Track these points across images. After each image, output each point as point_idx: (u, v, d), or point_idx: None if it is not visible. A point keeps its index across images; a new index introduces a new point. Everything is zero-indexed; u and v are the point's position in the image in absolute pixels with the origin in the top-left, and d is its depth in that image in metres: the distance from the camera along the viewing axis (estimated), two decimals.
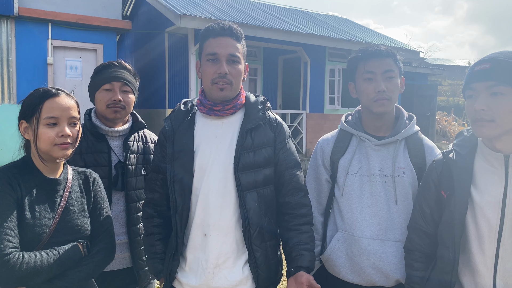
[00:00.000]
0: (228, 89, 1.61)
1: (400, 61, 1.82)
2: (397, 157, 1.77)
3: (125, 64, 2.04)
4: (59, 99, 1.52)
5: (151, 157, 2.10)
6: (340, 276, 1.82)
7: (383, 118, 1.82)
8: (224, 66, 1.59)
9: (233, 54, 1.61)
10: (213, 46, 1.61)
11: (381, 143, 1.79)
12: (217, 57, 1.60)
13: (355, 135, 1.86)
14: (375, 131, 1.85)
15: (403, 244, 1.73)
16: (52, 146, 1.49)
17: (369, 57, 1.77)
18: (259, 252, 1.61)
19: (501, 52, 1.41)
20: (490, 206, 1.42)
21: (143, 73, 10.38)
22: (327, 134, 2.00)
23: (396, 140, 1.79)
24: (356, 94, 1.87)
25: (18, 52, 7.60)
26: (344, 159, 1.84)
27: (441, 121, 18.60)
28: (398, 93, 1.81)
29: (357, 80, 1.83)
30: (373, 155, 1.80)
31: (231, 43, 1.62)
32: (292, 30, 9.20)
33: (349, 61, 1.88)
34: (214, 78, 1.60)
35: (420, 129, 1.88)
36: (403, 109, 1.92)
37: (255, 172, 1.61)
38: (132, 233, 1.99)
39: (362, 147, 1.83)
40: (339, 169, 1.85)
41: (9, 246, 1.36)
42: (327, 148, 1.92)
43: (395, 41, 12.72)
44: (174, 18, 8.01)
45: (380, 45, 1.84)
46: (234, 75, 1.62)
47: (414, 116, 1.92)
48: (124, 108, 1.98)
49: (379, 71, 1.75)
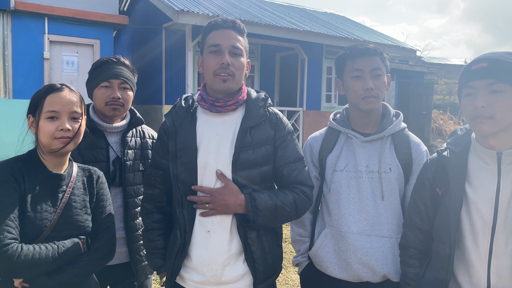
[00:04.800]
0: (231, 80, 1.61)
1: (387, 59, 1.84)
2: (383, 153, 1.80)
3: (124, 60, 2.03)
4: (62, 93, 1.54)
5: (149, 152, 2.10)
6: (328, 272, 1.84)
7: (370, 115, 1.84)
8: (226, 56, 1.59)
9: (235, 46, 1.61)
10: (216, 37, 1.61)
11: (367, 139, 1.82)
12: (220, 49, 1.60)
13: (342, 132, 1.89)
14: (362, 128, 1.87)
15: (389, 239, 1.76)
16: (52, 140, 1.50)
17: (357, 55, 1.79)
18: (255, 246, 1.62)
19: (495, 52, 1.44)
20: (484, 202, 1.45)
21: (140, 69, 10.33)
22: (316, 132, 2.02)
23: (383, 136, 1.81)
24: (343, 91, 1.89)
25: (14, 46, 7.56)
26: (332, 156, 1.87)
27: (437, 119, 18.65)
28: (385, 91, 1.84)
29: (345, 78, 1.85)
30: (360, 152, 1.82)
31: (233, 35, 1.62)
32: (289, 27, 9.21)
33: (337, 58, 1.90)
34: (216, 69, 1.59)
35: (414, 127, 1.90)
36: (390, 106, 1.94)
37: (253, 170, 1.62)
38: (129, 228, 2.00)
39: (349, 144, 1.85)
40: (327, 165, 1.87)
41: (8, 237, 1.37)
42: (316, 145, 1.94)
43: (392, 39, 12.74)
44: (171, 14, 7.99)
45: (368, 42, 1.86)
46: (236, 67, 1.61)
47: (401, 113, 1.95)
48: (123, 105, 1.98)
49: (367, 69, 1.78)
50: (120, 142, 2.02)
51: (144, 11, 10.19)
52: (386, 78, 1.83)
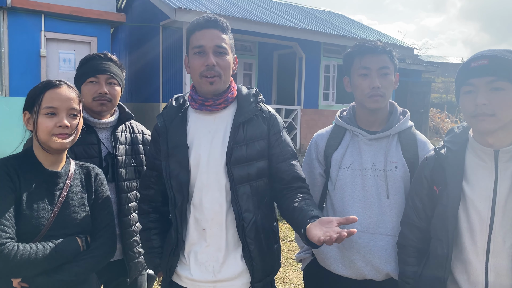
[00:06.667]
0: (217, 81, 1.60)
1: (395, 57, 1.83)
2: (389, 152, 1.79)
3: (111, 56, 2.04)
4: (60, 90, 1.53)
5: (140, 147, 2.12)
6: (331, 269, 1.84)
7: (377, 113, 1.84)
8: (211, 57, 1.57)
9: (219, 45, 1.60)
10: (199, 38, 1.60)
11: (373, 137, 1.81)
12: (203, 49, 1.59)
13: (348, 130, 1.88)
14: (369, 126, 1.86)
15: (393, 237, 1.75)
16: (50, 136, 1.49)
17: (365, 53, 1.78)
18: (253, 244, 1.62)
19: (493, 49, 1.43)
20: (481, 199, 1.45)
21: (137, 67, 10.31)
22: (322, 130, 2.02)
23: (389, 134, 1.81)
24: (350, 88, 1.89)
25: (10, 43, 7.51)
26: (337, 153, 1.86)
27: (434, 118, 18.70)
28: (392, 89, 1.83)
29: (352, 75, 1.84)
30: (366, 150, 1.81)
31: (216, 34, 1.61)
32: (287, 25, 9.19)
33: (345, 55, 1.88)
34: (202, 71, 1.59)
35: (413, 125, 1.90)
36: (397, 105, 1.93)
37: (248, 166, 1.61)
38: (123, 224, 1.99)
39: (355, 142, 1.85)
40: (332, 163, 1.87)
41: (4, 237, 1.36)
42: (321, 142, 1.94)
43: (389, 37, 12.74)
44: (169, 12, 7.96)
45: (377, 41, 1.84)
46: (222, 66, 1.60)
47: (408, 111, 1.94)
48: (110, 101, 1.98)
49: (374, 67, 1.76)
50: (111, 137, 2.02)
51: (142, 8, 10.14)
52: (393, 77, 1.82)
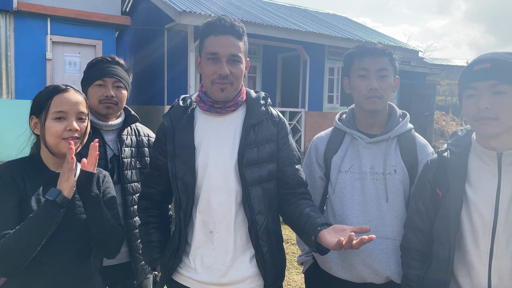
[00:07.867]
0: (229, 89, 1.59)
1: (396, 60, 1.83)
2: (388, 155, 1.79)
3: (118, 59, 2.06)
4: (68, 94, 1.54)
5: (145, 150, 2.13)
6: (331, 272, 1.84)
7: (376, 115, 1.84)
8: (224, 67, 1.55)
9: (234, 54, 1.57)
10: (214, 45, 1.56)
11: (372, 141, 1.81)
12: (217, 57, 1.55)
13: (347, 133, 1.88)
14: (368, 129, 1.86)
15: (393, 241, 1.75)
16: (59, 140, 1.50)
17: (365, 54, 1.78)
18: (266, 247, 1.61)
19: (496, 52, 1.43)
20: (484, 202, 1.45)
21: (142, 70, 10.37)
22: (322, 132, 2.02)
23: (388, 138, 1.80)
24: (349, 89, 1.89)
25: (16, 47, 7.58)
26: (337, 156, 1.86)
27: (439, 120, 18.62)
28: (391, 92, 1.83)
29: (352, 76, 1.84)
30: (365, 153, 1.81)
31: (232, 42, 1.56)
32: (291, 28, 9.20)
33: (345, 56, 1.89)
34: (214, 79, 1.57)
35: (416, 128, 1.89)
36: (396, 107, 1.93)
37: (260, 168, 1.61)
38: (129, 226, 2.00)
39: (354, 145, 1.85)
40: (331, 166, 1.87)
41: None
42: (321, 146, 1.94)
43: (394, 40, 12.72)
44: (174, 15, 8.00)
45: (378, 43, 1.84)
46: (235, 75, 1.58)
47: (408, 114, 1.93)
48: (117, 104, 2.00)
49: (373, 68, 1.76)
50: (116, 140, 2.03)
51: (146, 12, 10.21)
52: (393, 80, 1.82)
